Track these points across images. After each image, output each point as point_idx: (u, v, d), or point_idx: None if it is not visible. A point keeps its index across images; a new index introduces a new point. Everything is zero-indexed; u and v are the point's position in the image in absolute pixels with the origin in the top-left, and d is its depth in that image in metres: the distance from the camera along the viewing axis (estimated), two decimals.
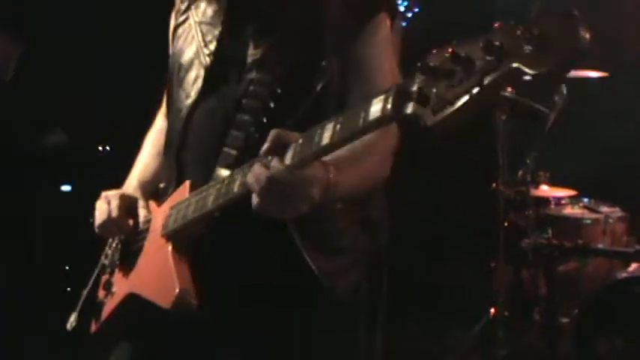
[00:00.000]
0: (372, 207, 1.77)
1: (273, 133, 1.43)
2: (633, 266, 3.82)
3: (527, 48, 1.06)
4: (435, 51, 1.17)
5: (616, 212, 4.30)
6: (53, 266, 4.72)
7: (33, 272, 4.60)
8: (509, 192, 3.96)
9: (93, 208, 1.90)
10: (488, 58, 1.08)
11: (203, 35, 1.83)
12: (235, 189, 1.49)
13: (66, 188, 5.05)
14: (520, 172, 4.02)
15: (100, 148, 5.09)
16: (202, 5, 1.86)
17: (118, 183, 2.04)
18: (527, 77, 1.06)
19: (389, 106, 1.21)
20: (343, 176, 1.47)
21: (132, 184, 2.00)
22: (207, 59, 1.79)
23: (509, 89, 3.83)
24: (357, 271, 1.76)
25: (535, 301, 4.11)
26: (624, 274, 3.75)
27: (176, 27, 1.93)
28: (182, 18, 1.92)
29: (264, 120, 1.66)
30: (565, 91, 4.37)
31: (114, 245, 1.91)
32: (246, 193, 1.44)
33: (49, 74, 4.91)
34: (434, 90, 1.14)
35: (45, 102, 4.90)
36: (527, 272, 4.14)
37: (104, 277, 1.88)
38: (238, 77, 1.75)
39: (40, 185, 4.80)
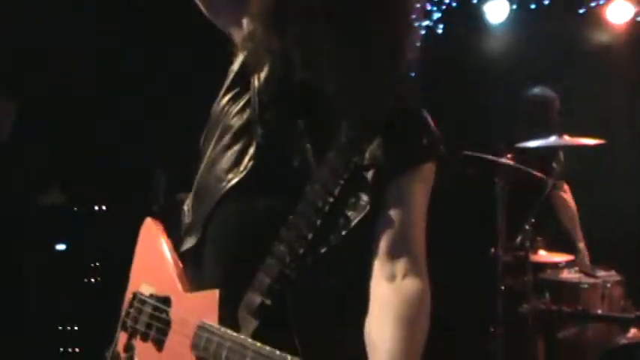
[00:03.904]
0: None
1: None
2: (632, 332, 3.82)
3: None
4: None
5: (612, 276, 4.30)
6: (44, 326, 4.66)
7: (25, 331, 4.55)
8: (507, 257, 3.97)
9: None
10: None
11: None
12: None
13: (61, 247, 5.00)
14: (519, 238, 4.03)
15: (96, 207, 5.06)
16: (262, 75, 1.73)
17: (113, 242, 1.97)
18: None
19: None
20: None
21: None
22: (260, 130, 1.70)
23: (510, 157, 3.91)
24: None
25: None
26: (624, 340, 3.74)
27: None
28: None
29: (301, 252, 1.63)
30: (563, 159, 4.44)
31: (135, 304, 1.84)
32: None
33: (46, 133, 4.93)
34: None
35: (41, 161, 4.90)
36: (527, 337, 4.11)
37: (123, 335, 1.82)
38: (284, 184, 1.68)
39: (35, 244, 4.76)
